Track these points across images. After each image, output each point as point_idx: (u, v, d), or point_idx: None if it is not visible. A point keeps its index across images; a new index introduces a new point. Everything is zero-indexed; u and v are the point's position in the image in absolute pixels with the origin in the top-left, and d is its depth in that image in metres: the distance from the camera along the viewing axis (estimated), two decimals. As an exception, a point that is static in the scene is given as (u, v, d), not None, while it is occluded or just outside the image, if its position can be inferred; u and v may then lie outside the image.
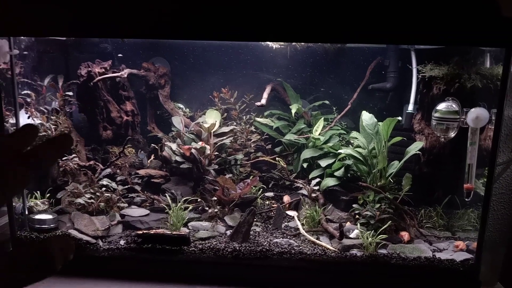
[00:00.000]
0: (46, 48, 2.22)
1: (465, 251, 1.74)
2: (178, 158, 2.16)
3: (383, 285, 1.65)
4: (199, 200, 2.03)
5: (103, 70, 2.18)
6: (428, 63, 1.94)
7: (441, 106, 1.74)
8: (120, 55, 2.31)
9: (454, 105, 1.72)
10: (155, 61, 2.37)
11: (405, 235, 1.80)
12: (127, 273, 1.68)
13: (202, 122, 2.24)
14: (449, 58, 1.91)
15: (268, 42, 2.18)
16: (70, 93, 2.17)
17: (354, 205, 1.91)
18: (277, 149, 2.36)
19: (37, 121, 2.00)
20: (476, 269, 1.62)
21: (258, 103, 2.19)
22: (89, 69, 2.16)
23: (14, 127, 1.86)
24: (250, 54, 2.30)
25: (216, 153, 2.21)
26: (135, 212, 1.97)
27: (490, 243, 2.02)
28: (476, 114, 1.62)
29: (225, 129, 2.27)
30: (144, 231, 1.76)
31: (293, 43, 2.17)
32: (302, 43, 2.18)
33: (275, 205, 2.06)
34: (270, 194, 2.20)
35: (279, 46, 2.22)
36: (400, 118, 2.02)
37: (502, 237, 2.18)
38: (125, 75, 2.22)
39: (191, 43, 2.31)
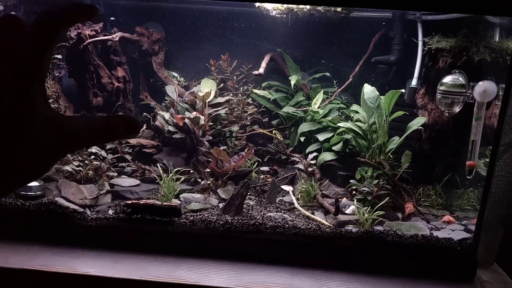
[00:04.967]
0: (34, 8, 2.10)
1: (463, 231, 1.70)
2: (171, 128, 2.09)
3: (379, 261, 1.60)
4: (191, 171, 1.97)
5: (94, 33, 2.07)
6: (435, 35, 1.85)
7: (447, 79, 1.66)
8: (112, 18, 2.20)
9: (460, 78, 1.64)
10: (149, 26, 2.26)
11: (409, 207, 1.76)
12: (116, 243, 1.63)
13: (197, 91, 2.16)
14: (457, 30, 1.82)
15: (268, 8, 2.07)
16: (59, 56, 2.07)
17: (351, 181, 1.86)
18: (274, 122, 2.29)
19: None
20: (473, 249, 1.58)
21: (255, 72, 2.11)
22: (79, 31, 2.05)
23: None
24: (249, 22, 2.19)
25: (211, 124, 2.14)
26: (125, 182, 1.91)
27: (488, 225, 1.98)
28: (484, 88, 1.54)
29: (221, 99, 2.19)
30: (134, 201, 1.70)
31: (295, 10, 2.07)
32: (304, 11, 2.08)
33: (270, 179, 2.00)
34: (265, 168, 2.13)
35: (280, 15, 2.12)
36: (403, 90, 1.94)
37: (499, 219, 2.15)
38: (117, 39, 2.12)
39: (187, 8, 2.19)
